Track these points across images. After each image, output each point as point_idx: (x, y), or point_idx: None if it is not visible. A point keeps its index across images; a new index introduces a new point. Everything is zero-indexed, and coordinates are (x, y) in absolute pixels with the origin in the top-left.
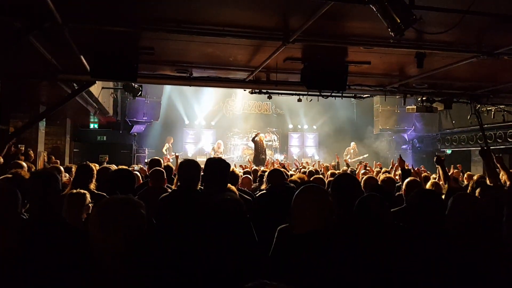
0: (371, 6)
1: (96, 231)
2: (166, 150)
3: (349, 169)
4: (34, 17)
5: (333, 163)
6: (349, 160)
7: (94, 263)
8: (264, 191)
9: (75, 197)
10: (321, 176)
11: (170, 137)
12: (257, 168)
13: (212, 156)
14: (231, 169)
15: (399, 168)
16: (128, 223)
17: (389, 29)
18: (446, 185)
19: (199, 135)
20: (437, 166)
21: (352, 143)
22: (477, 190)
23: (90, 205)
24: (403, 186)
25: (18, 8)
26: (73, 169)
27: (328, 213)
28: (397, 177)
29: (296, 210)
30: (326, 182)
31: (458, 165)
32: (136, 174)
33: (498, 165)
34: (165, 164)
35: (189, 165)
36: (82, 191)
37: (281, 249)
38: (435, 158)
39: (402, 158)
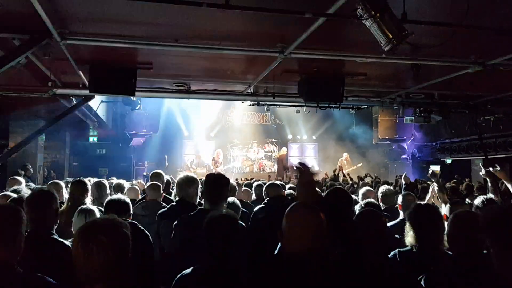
0: (363, 22)
1: (77, 253)
2: (190, 163)
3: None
4: (32, 34)
5: (330, 175)
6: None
7: None
8: (262, 205)
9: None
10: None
11: (199, 155)
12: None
13: (211, 168)
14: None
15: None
16: (111, 244)
17: (382, 45)
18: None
19: (199, 147)
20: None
21: (345, 154)
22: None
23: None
24: (399, 201)
25: (17, 25)
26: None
27: (318, 236)
28: (397, 188)
29: (285, 229)
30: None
31: (455, 175)
32: (135, 188)
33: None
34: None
35: (187, 180)
36: (87, 208)
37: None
38: (429, 173)
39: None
